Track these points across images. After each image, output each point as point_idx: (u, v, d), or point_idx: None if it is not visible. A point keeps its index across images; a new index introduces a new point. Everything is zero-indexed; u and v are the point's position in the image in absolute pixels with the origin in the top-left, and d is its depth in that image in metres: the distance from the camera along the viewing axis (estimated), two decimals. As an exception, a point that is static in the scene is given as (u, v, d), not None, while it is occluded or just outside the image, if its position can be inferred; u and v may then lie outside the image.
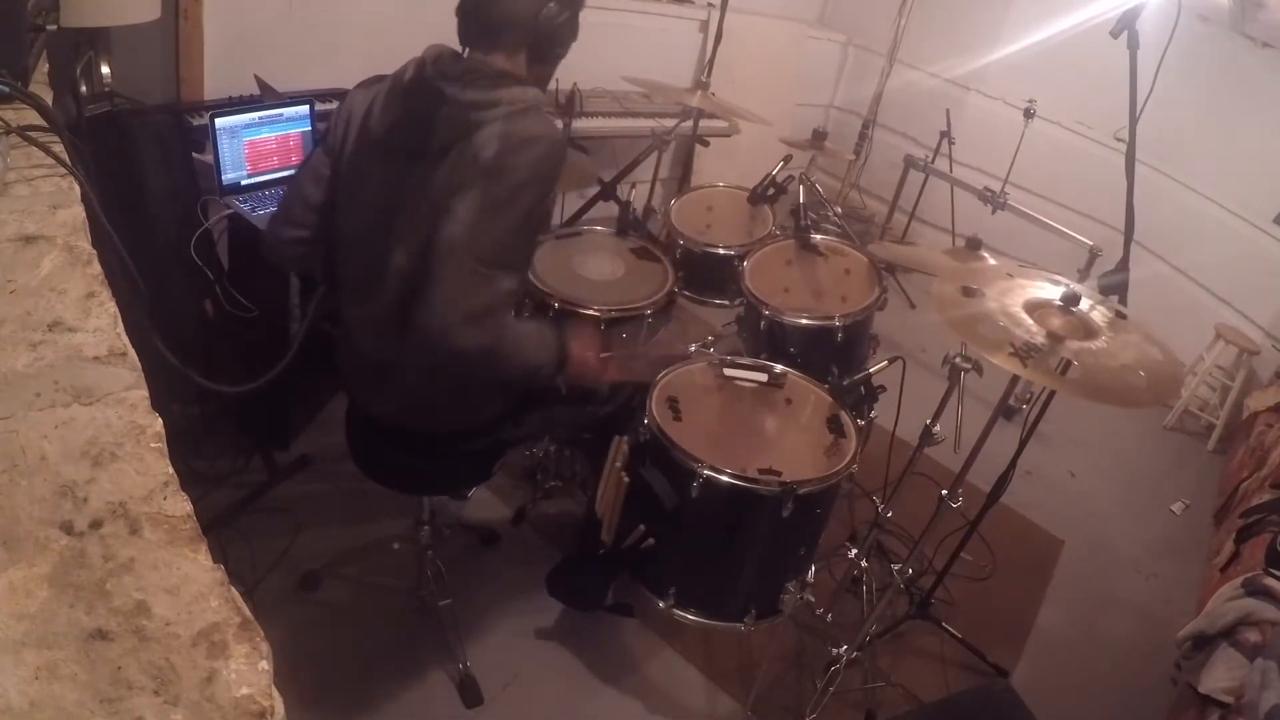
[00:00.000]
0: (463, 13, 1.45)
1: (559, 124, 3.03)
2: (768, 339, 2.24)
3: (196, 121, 2.23)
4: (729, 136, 3.90)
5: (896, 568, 2.00)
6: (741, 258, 2.40)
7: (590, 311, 2.12)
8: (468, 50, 1.47)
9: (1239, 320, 3.67)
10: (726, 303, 2.57)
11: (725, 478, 1.63)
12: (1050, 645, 2.40)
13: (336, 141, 1.55)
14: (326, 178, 1.57)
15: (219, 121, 2.08)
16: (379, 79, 1.53)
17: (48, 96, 1.43)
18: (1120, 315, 1.67)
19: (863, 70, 4.95)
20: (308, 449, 2.44)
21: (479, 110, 1.38)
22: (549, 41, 1.47)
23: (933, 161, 4.16)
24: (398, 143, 1.44)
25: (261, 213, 2.11)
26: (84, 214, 1.12)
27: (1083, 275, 3.03)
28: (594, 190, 2.97)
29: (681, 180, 4.14)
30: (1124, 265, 1.81)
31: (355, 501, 2.30)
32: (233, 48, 2.48)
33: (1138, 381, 1.50)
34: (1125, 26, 1.62)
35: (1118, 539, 2.94)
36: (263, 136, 2.19)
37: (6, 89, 1.24)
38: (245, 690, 0.60)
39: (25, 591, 0.64)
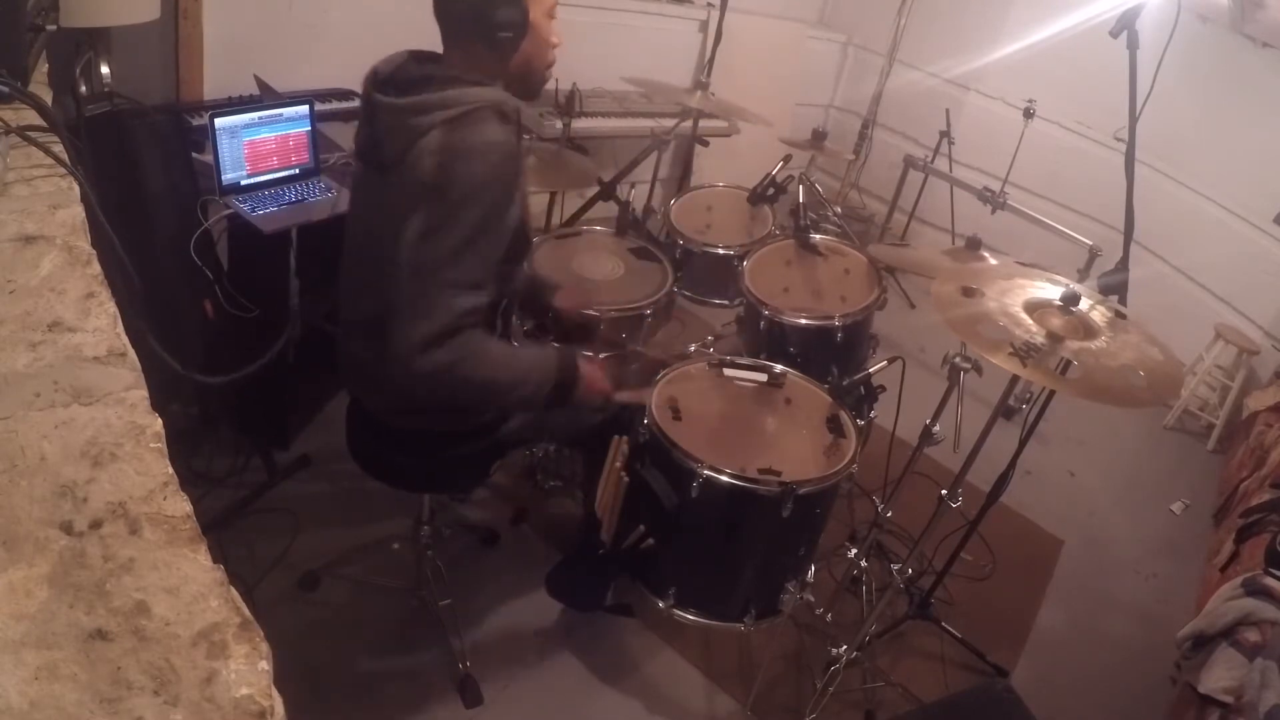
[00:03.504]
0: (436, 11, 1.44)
1: (559, 125, 3.03)
2: (767, 339, 2.24)
3: (196, 121, 2.23)
4: (728, 136, 3.91)
5: (896, 568, 2.00)
6: (741, 258, 2.40)
7: (589, 311, 2.13)
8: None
9: (1239, 320, 3.67)
10: (726, 303, 2.58)
11: (725, 478, 1.63)
12: (1050, 645, 2.40)
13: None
14: None
15: (219, 121, 2.08)
16: None
17: (47, 96, 1.43)
18: (1120, 315, 1.67)
19: (862, 70, 4.95)
20: (308, 449, 2.44)
21: (416, 115, 1.34)
22: (494, 27, 1.39)
23: (932, 161, 4.16)
24: (365, 157, 1.48)
25: (261, 213, 2.11)
26: (83, 214, 1.12)
27: (1083, 275, 3.04)
28: (593, 190, 2.97)
29: (681, 180, 4.14)
30: (1124, 265, 1.81)
31: (355, 501, 2.30)
32: (232, 48, 2.48)
33: (1138, 381, 1.50)
34: (1125, 26, 1.62)
35: (1117, 539, 2.94)
36: (262, 136, 2.19)
37: (6, 89, 1.24)
38: (245, 690, 0.60)
39: (25, 591, 0.64)
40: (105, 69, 1.96)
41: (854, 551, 2.20)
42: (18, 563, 0.65)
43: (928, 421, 1.84)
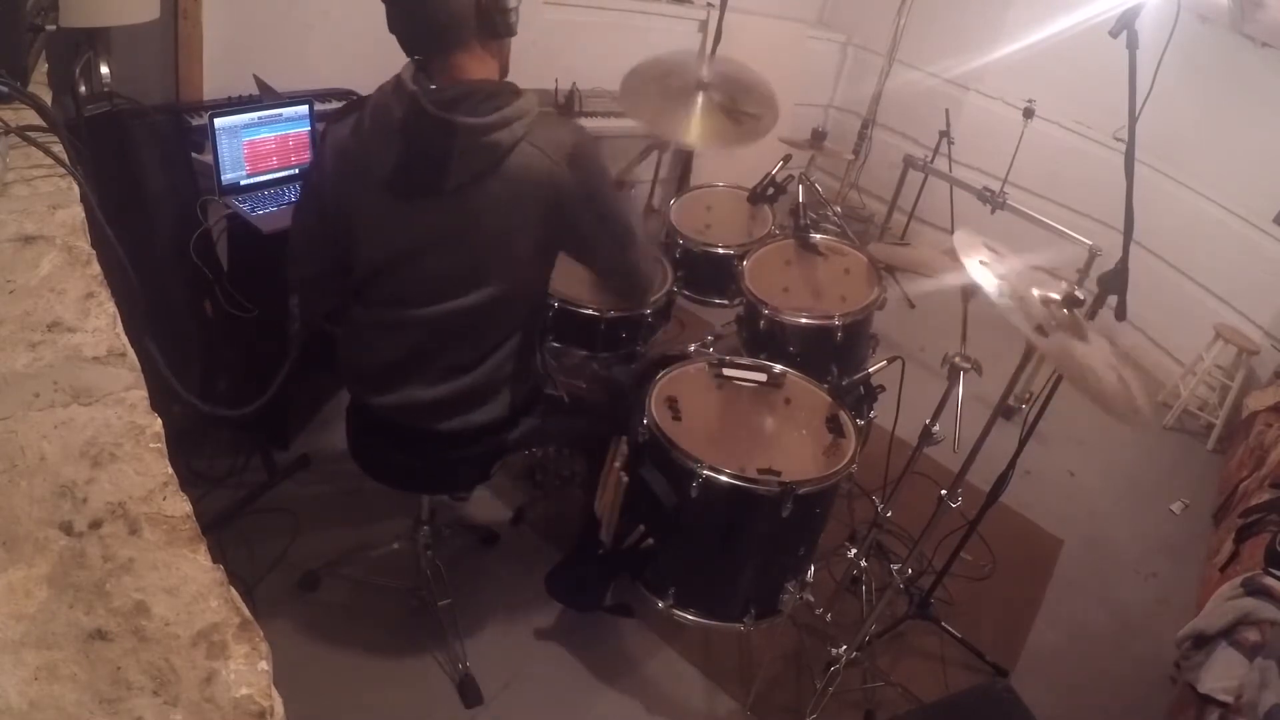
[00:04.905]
0: (401, 28, 1.39)
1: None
2: (767, 339, 2.24)
3: (196, 121, 2.23)
4: (728, 136, 3.90)
5: (896, 567, 2.00)
6: (741, 257, 2.40)
7: (589, 311, 2.13)
8: (422, 59, 1.41)
9: (1239, 320, 3.67)
10: (726, 303, 2.58)
11: (724, 478, 1.63)
12: (1050, 644, 2.40)
13: (325, 181, 1.54)
14: (321, 216, 1.57)
15: (218, 121, 2.08)
16: (353, 108, 1.50)
17: (47, 96, 1.43)
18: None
19: (862, 70, 4.95)
20: (308, 449, 2.44)
21: (492, 133, 1.35)
22: (496, 10, 1.38)
23: (932, 161, 4.16)
24: (408, 182, 1.41)
25: (261, 213, 2.11)
26: (83, 214, 1.12)
27: (1082, 275, 3.04)
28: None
29: (681, 180, 4.14)
30: (1123, 265, 1.81)
31: (355, 501, 2.30)
32: (232, 48, 2.48)
33: (1099, 385, 1.48)
34: (1124, 26, 1.62)
35: (1117, 539, 2.94)
36: (262, 136, 2.19)
37: (6, 89, 1.24)
38: (245, 690, 0.60)
39: (25, 592, 0.64)
40: (105, 69, 1.96)
41: (854, 551, 2.20)
42: (17, 563, 0.65)
43: (927, 421, 1.84)
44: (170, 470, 0.77)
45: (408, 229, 1.46)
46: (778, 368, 1.96)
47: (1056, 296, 1.65)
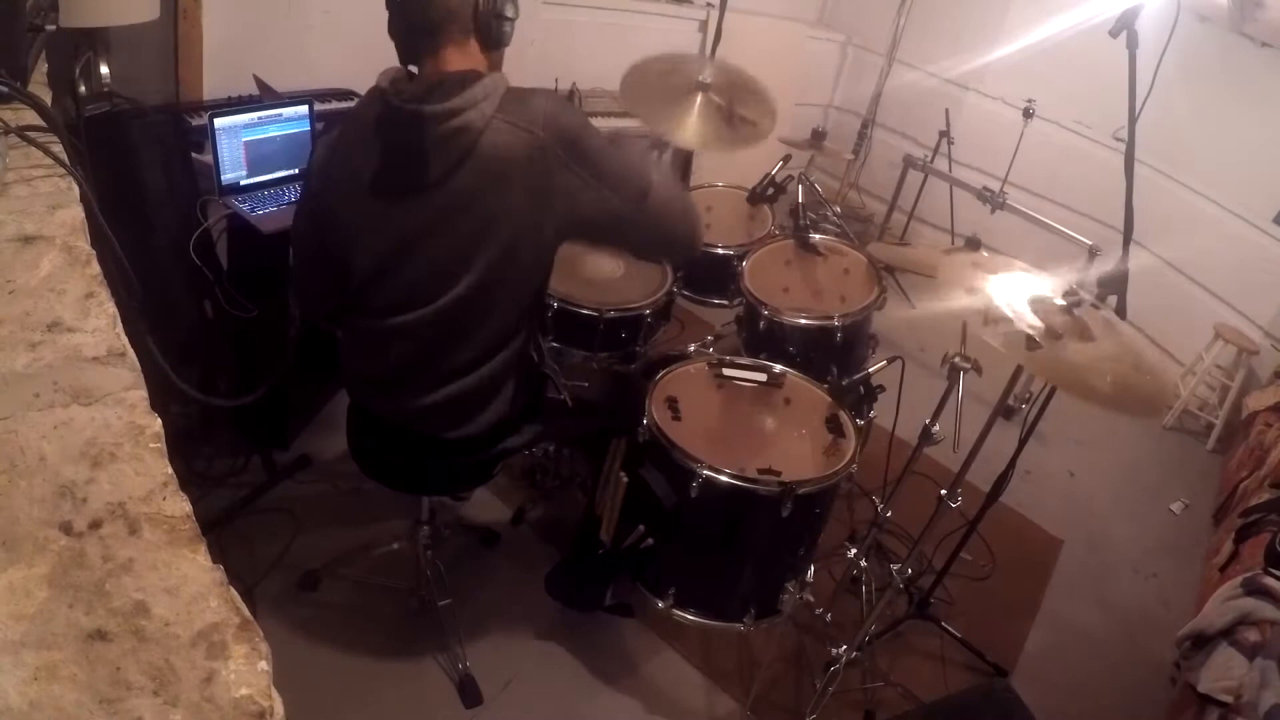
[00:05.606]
0: (398, 31, 1.40)
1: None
2: (767, 339, 2.24)
3: (196, 121, 2.23)
4: (728, 136, 3.90)
5: (896, 567, 2.00)
6: (740, 257, 2.40)
7: (589, 311, 2.13)
8: (417, 66, 1.42)
9: (1238, 320, 3.67)
10: (726, 303, 2.58)
11: (724, 478, 1.63)
12: (1050, 645, 2.40)
13: (316, 198, 1.55)
14: (316, 231, 1.57)
15: (218, 122, 2.08)
16: (337, 121, 1.52)
17: (46, 97, 1.43)
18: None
19: (862, 70, 4.95)
20: (307, 449, 2.44)
21: (458, 116, 1.33)
22: (493, 15, 1.39)
23: (932, 161, 4.16)
24: (392, 182, 1.41)
25: (261, 213, 2.11)
26: (83, 214, 1.12)
27: (1082, 275, 3.04)
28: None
29: (681, 180, 4.14)
30: (1123, 265, 1.81)
31: (355, 501, 2.30)
32: (232, 48, 2.48)
33: (1100, 384, 1.49)
34: (1124, 26, 1.62)
35: (1117, 539, 2.94)
36: (262, 136, 2.19)
37: (6, 89, 1.24)
38: (245, 690, 0.60)
39: (24, 592, 0.64)
40: (104, 69, 1.96)
41: (854, 551, 2.19)
42: (17, 563, 0.65)
43: (927, 421, 1.84)
44: (170, 470, 0.77)
45: (398, 230, 1.45)
46: (778, 368, 1.96)
47: (1060, 301, 1.64)
